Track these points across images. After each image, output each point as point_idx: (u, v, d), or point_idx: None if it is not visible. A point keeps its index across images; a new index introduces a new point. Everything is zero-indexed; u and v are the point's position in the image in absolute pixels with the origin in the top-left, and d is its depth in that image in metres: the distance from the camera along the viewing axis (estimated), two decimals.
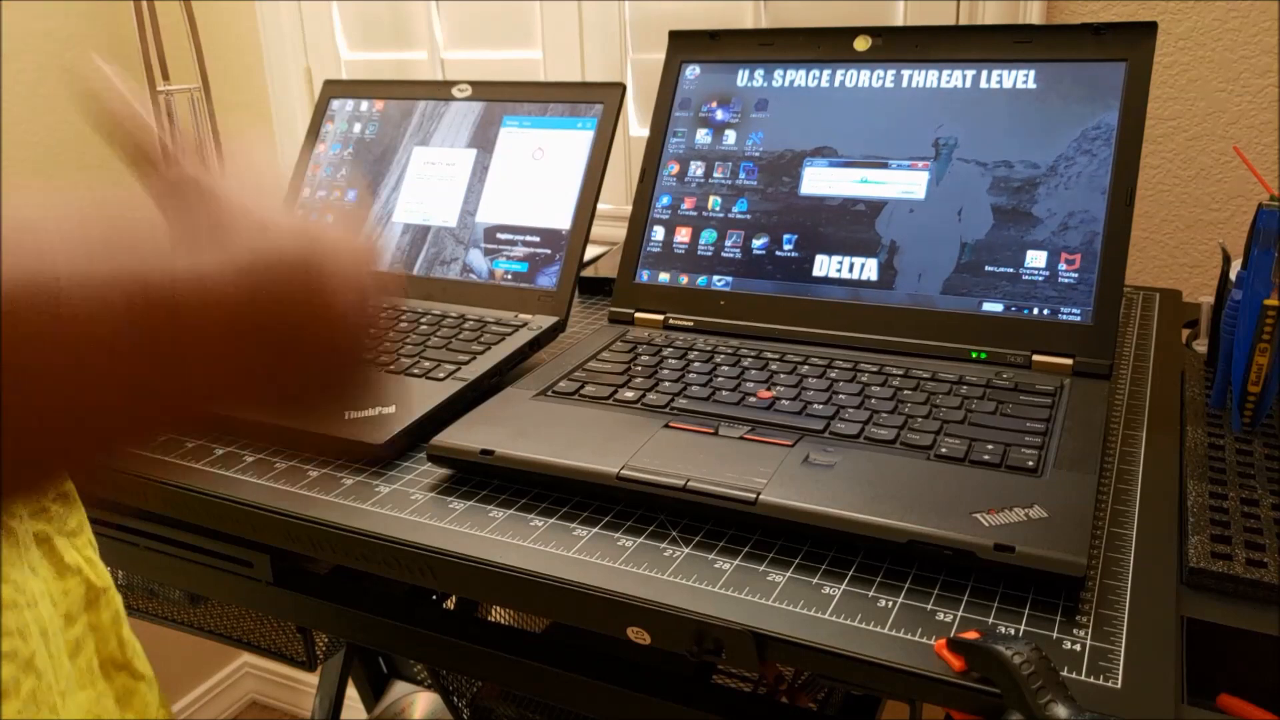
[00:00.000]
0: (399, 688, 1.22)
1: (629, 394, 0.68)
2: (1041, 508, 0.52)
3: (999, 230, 0.74)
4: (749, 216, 0.82)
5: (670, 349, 0.76)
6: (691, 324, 0.81)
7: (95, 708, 0.49)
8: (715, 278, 0.82)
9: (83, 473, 0.35)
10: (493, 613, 1.11)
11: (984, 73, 0.77)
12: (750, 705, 0.65)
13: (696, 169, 0.85)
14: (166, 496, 0.64)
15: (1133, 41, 0.74)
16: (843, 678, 0.47)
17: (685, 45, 0.88)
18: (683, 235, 0.84)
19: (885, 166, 0.78)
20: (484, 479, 0.62)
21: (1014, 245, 0.74)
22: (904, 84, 0.80)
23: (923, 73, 0.79)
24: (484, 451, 0.61)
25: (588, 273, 1.04)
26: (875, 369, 0.71)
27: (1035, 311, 0.72)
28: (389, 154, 0.95)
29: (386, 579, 0.60)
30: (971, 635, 0.44)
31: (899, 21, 1.10)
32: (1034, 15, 1.01)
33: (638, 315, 0.83)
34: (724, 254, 0.82)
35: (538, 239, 0.86)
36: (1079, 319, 0.71)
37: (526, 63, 1.34)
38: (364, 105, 0.98)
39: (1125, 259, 0.71)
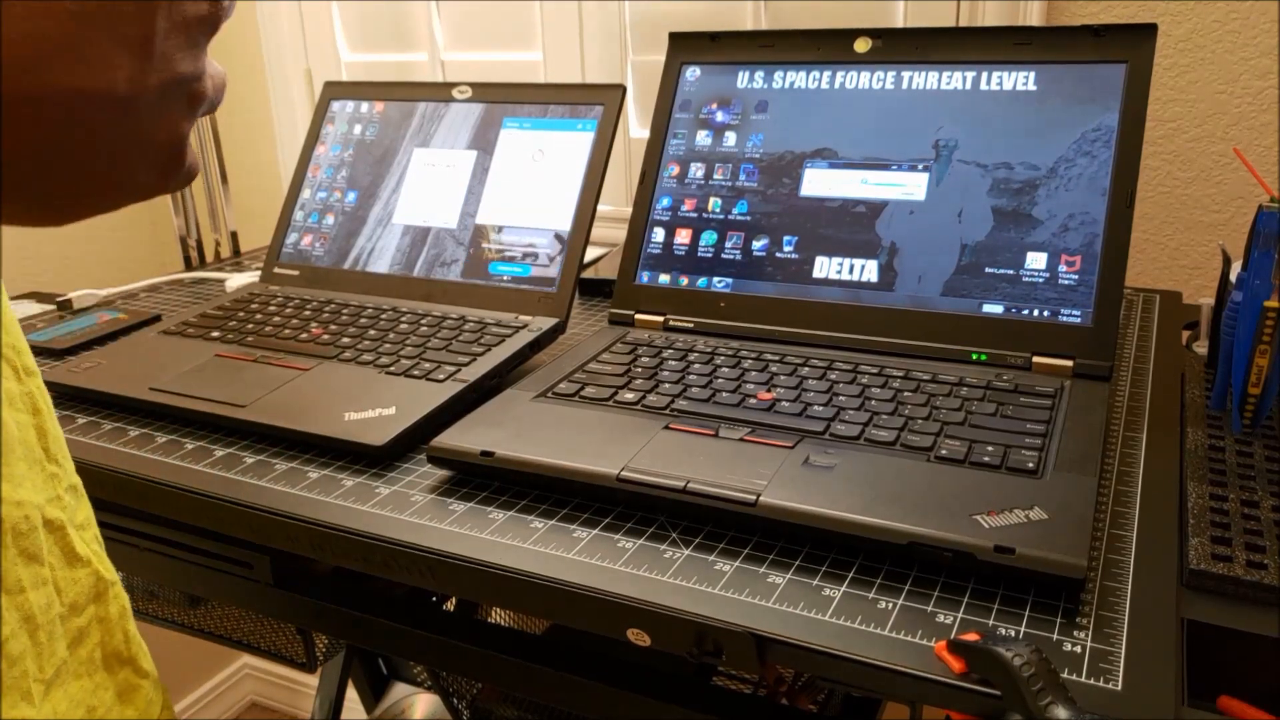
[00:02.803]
0: (399, 689, 1.21)
1: (629, 395, 0.68)
2: (1041, 509, 0.52)
3: (999, 232, 0.74)
4: (749, 218, 0.82)
5: (670, 350, 0.76)
6: (692, 325, 0.81)
7: (90, 698, 0.49)
8: (715, 279, 0.82)
9: None
10: (493, 614, 1.11)
11: (984, 74, 0.77)
12: (750, 707, 0.65)
13: (697, 170, 0.85)
14: (166, 498, 0.64)
15: (1133, 43, 0.74)
16: (843, 679, 0.47)
17: (685, 47, 0.88)
18: (683, 237, 0.84)
19: (885, 168, 0.78)
20: (484, 480, 0.62)
21: (1014, 247, 0.74)
22: (904, 85, 0.80)
23: (923, 74, 0.79)
24: (484, 453, 0.61)
25: (588, 274, 1.04)
26: (875, 370, 0.71)
27: (1035, 313, 0.72)
28: (389, 155, 0.96)
29: (387, 580, 0.60)
30: (971, 637, 0.44)
31: (899, 23, 1.11)
32: (1034, 17, 1.01)
33: (638, 317, 0.83)
34: (724, 255, 0.82)
35: (538, 240, 0.86)
36: (1079, 321, 0.71)
37: (527, 64, 1.34)
38: (364, 107, 0.98)
39: (1125, 261, 0.71)
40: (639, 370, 0.73)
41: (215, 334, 0.84)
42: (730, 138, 0.84)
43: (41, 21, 0.25)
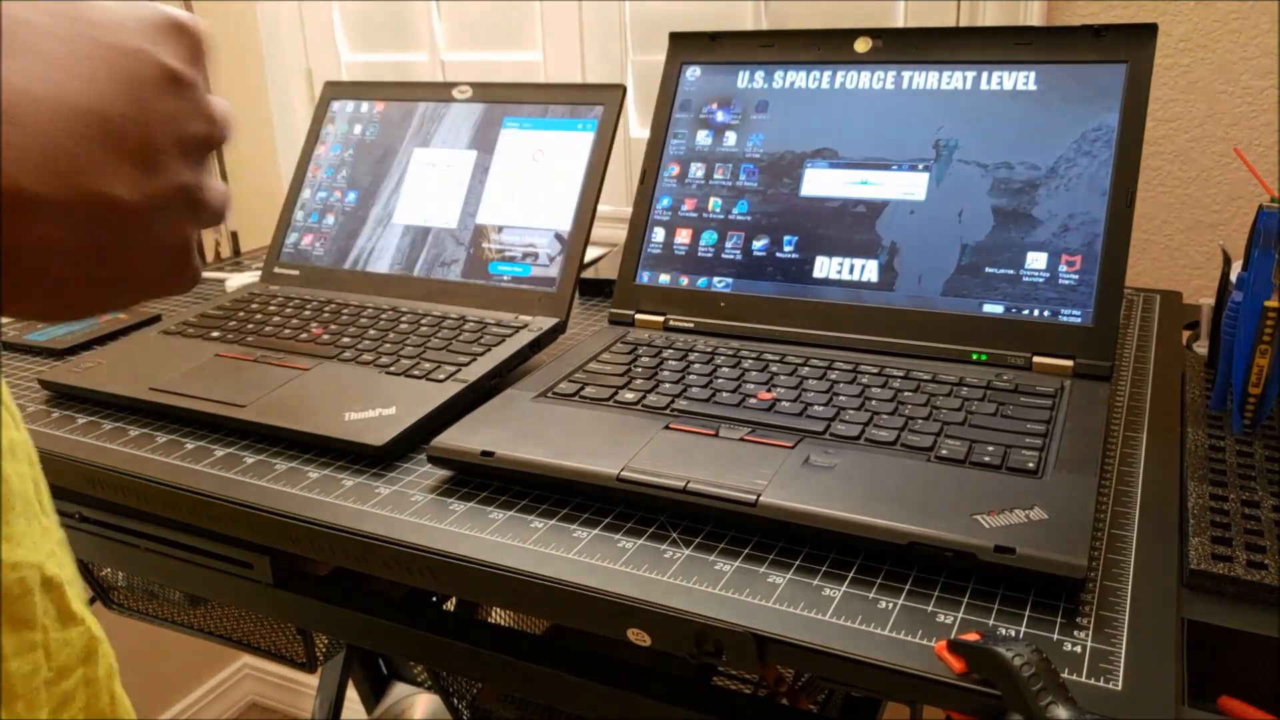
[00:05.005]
0: (399, 689, 1.21)
1: (629, 395, 0.68)
2: (1042, 509, 0.52)
3: (999, 232, 0.74)
4: (749, 218, 0.82)
5: (670, 350, 0.76)
6: (692, 325, 0.81)
7: None
8: (716, 279, 0.82)
9: None
10: (493, 614, 1.11)
11: (984, 74, 0.77)
12: (750, 707, 0.65)
13: (697, 170, 0.85)
14: (167, 498, 0.64)
15: (1133, 43, 0.74)
16: (843, 679, 0.47)
17: (686, 47, 0.88)
18: (683, 237, 0.84)
19: (886, 168, 0.78)
20: (484, 480, 0.62)
21: (1014, 247, 0.74)
22: (904, 86, 0.80)
23: (923, 74, 0.79)
24: (484, 453, 0.61)
25: (588, 274, 1.04)
26: (875, 370, 0.71)
27: (1035, 313, 0.72)
28: (389, 155, 0.96)
29: (387, 580, 0.60)
30: (972, 637, 0.44)
31: (899, 23, 1.11)
32: (1034, 16, 1.01)
33: (638, 317, 0.83)
34: (724, 255, 0.82)
35: (538, 240, 0.86)
36: (1079, 320, 0.71)
37: (527, 64, 1.34)
38: (364, 107, 0.98)
39: (1125, 260, 0.71)
40: (639, 370, 0.73)
41: (215, 334, 0.84)
42: (730, 138, 0.84)
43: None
